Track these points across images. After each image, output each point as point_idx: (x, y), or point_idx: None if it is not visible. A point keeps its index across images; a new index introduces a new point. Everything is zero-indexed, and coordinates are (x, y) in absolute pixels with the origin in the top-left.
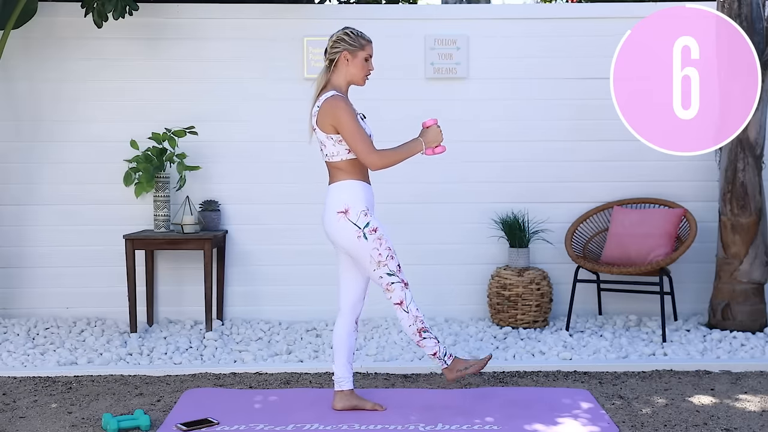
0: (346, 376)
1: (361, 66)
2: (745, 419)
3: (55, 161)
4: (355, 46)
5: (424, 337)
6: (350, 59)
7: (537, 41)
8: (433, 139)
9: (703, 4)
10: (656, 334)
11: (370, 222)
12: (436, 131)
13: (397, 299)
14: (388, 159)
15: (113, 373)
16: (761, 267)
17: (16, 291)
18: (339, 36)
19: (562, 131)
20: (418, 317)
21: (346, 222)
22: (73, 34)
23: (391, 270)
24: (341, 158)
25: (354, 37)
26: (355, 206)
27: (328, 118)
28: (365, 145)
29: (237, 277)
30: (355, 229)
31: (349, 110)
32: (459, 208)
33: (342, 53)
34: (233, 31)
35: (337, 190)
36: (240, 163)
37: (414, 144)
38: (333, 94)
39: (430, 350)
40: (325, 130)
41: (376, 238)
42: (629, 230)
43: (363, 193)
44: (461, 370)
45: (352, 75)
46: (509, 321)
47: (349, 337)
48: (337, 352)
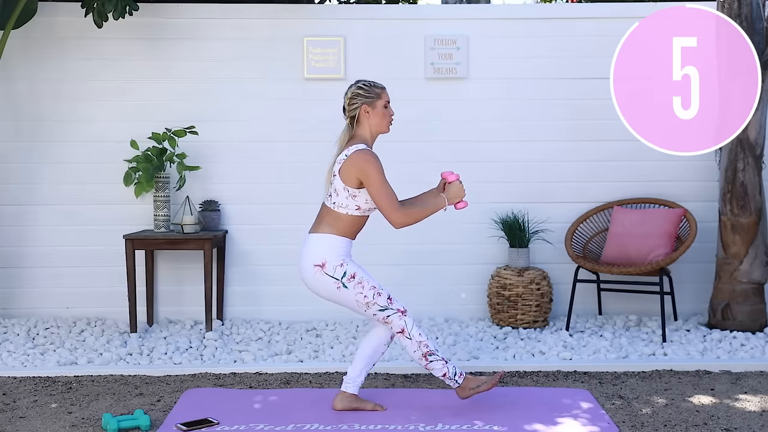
0: (356, 380)
1: (382, 114)
2: (745, 419)
3: (55, 161)
4: (372, 97)
5: (431, 360)
6: (370, 111)
7: (537, 41)
8: (455, 195)
9: (703, 4)
10: (656, 334)
11: (346, 271)
12: (458, 187)
13: (398, 329)
14: (411, 217)
15: (113, 373)
16: (761, 267)
17: (16, 291)
18: (353, 92)
19: (562, 131)
20: (422, 342)
21: (323, 276)
22: (73, 34)
23: (382, 306)
24: (347, 212)
25: (368, 89)
26: (332, 260)
27: (354, 170)
28: (391, 203)
29: (237, 277)
30: (333, 281)
31: (379, 165)
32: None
33: (361, 108)
34: (233, 31)
35: (316, 242)
36: (240, 163)
37: (437, 201)
38: (364, 148)
39: (439, 372)
40: (346, 181)
41: (356, 283)
42: (629, 230)
43: (343, 248)
44: (473, 389)
45: (376, 125)
46: (509, 321)
47: (379, 347)
48: (360, 357)
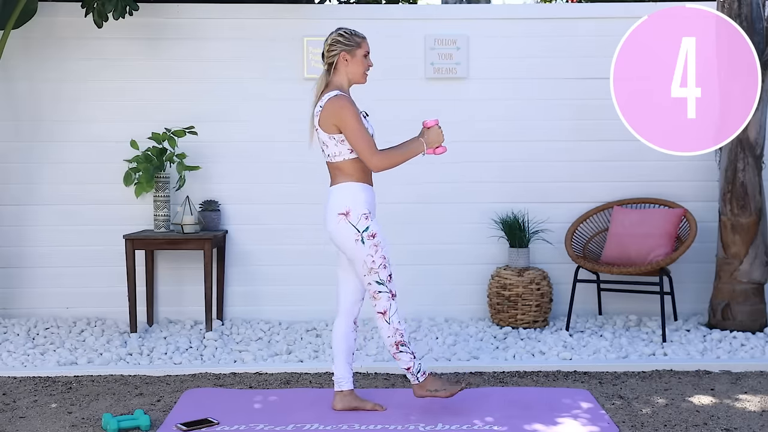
0: (345, 376)
1: (360, 63)
2: (745, 419)
3: (55, 161)
4: (352, 45)
5: (400, 350)
6: (349, 59)
7: (537, 41)
8: (434, 140)
9: (703, 4)
10: (656, 334)
11: (369, 226)
12: (437, 132)
13: (381, 308)
14: (390, 160)
15: (113, 373)
16: (761, 267)
17: (16, 291)
18: (334, 38)
19: (562, 131)
20: (398, 330)
21: (347, 224)
22: (73, 34)
23: (381, 279)
24: (343, 158)
25: (349, 37)
26: (357, 209)
27: (331, 117)
28: (368, 145)
29: (237, 277)
30: (354, 232)
31: (353, 110)
32: (459, 208)
33: (340, 54)
34: (233, 31)
35: (338, 192)
36: (240, 163)
37: (416, 144)
38: (336, 94)
39: (405, 364)
40: (327, 130)
41: (373, 244)
42: (629, 230)
43: (364, 195)
44: (431, 391)
45: (353, 73)
46: (509, 321)
47: (347, 337)
48: (337, 353)
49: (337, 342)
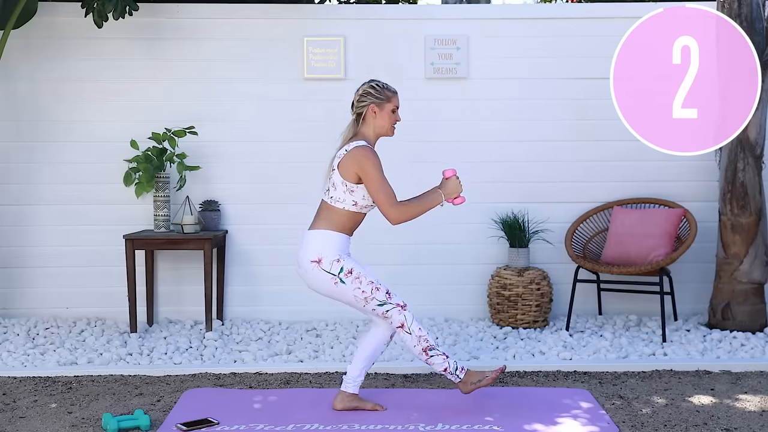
0: (357, 380)
1: (388, 118)
2: (745, 419)
3: (55, 161)
4: (382, 98)
5: (431, 355)
6: (378, 112)
7: (537, 41)
8: (453, 191)
9: (703, 4)
10: (656, 334)
11: (343, 267)
12: (455, 183)
13: (397, 323)
14: (408, 213)
15: (113, 373)
16: (761, 267)
17: (16, 291)
18: (365, 90)
19: (562, 131)
20: (422, 336)
21: (320, 271)
22: (73, 34)
23: (381, 300)
24: (343, 207)
25: (380, 90)
26: (328, 255)
27: (354, 165)
28: (388, 198)
29: (237, 277)
30: (331, 277)
31: (378, 163)
32: (459, 208)
33: (369, 107)
34: (233, 31)
35: (312, 239)
36: (240, 163)
37: (434, 196)
38: (364, 144)
39: (440, 367)
40: (345, 176)
41: (354, 278)
42: (629, 230)
43: (339, 243)
44: (475, 383)
45: (380, 127)
46: (509, 321)
47: (378, 348)
48: (359, 356)
49: (365, 346)
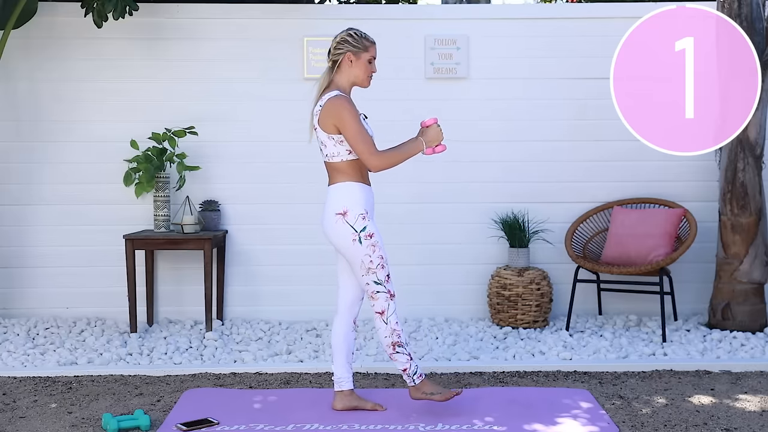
0: (345, 376)
1: (364, 67)
2: (745, 419)
3: (55, 161)
4: (359, 47)
5: (397, 351)
6: (354, 60)
7: (537, 41)
8: (433, 138)
9: (703, 4)
10: (656, 334)
11: (367, 227)
12: (436, 130)
13: (379, 308)
14: (389, 160)
15: (113, 373)
16: (761, 267)
17: (16, 291)
18: (343, 37)
19: (562, 131)
20: (395, 331)
21: (344, 224)
22: (73, 34)
23: (379, 279)
24: (341, 159)
25: (358, 39)
26: (354, 209)
27: (330, 117)
28: (367, 146)
29: (237, 277)
30: (352, 232)
31: (353, 110)
32: (459, 208)
33: (346, 54)
34: (233, 31)
35: (336, 192)
36: (240, 163)
37: (415, 144)
38: (336, 94)
39: (401, 365)
40: (326, 130)
41: (371, 244)
42: (629, 230)
43: (362, 195)
44: (426, 394)
45: (356, 76)
46: (509, 321)
47: (347, 337)
48: (336, 353)
49: (336, 342)
